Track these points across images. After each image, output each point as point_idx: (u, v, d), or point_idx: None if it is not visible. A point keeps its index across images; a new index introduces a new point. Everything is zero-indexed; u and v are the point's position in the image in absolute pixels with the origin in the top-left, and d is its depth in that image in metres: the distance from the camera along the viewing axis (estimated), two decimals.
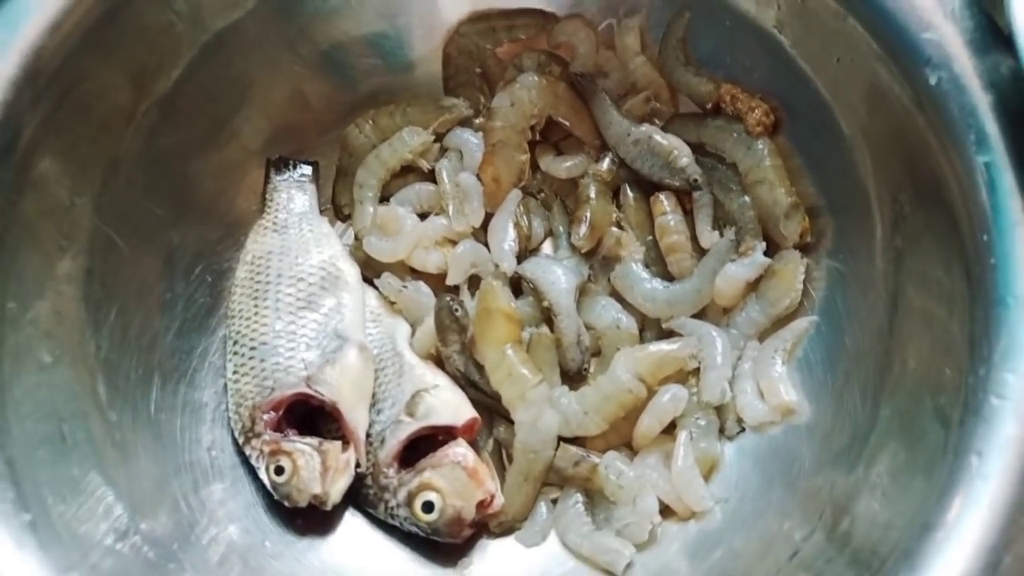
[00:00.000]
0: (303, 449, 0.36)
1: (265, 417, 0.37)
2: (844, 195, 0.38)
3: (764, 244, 0.40)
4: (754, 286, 0.41)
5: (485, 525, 0.38)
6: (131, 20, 0.35)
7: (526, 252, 0.43)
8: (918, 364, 0.33)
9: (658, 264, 0.42)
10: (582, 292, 0.42)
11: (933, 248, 0.33)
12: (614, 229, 0.42)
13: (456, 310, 0.40)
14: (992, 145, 0.31)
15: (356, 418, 0.37)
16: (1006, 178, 0.31)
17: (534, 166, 0.45)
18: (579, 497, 0.39)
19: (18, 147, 0.33)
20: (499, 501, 0.38)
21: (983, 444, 0.28)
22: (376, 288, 0.42)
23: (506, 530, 0.39)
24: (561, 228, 0.43)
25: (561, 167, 0.44)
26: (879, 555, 0.29)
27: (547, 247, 0.44)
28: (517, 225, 0.43)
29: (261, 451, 0.37)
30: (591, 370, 0.41)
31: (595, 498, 0.39)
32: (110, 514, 0.32)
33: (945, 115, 0.32)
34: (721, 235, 0.41)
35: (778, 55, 0.39)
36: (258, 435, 0.37)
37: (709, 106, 0.43)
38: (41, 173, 0.34)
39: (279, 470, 0.36)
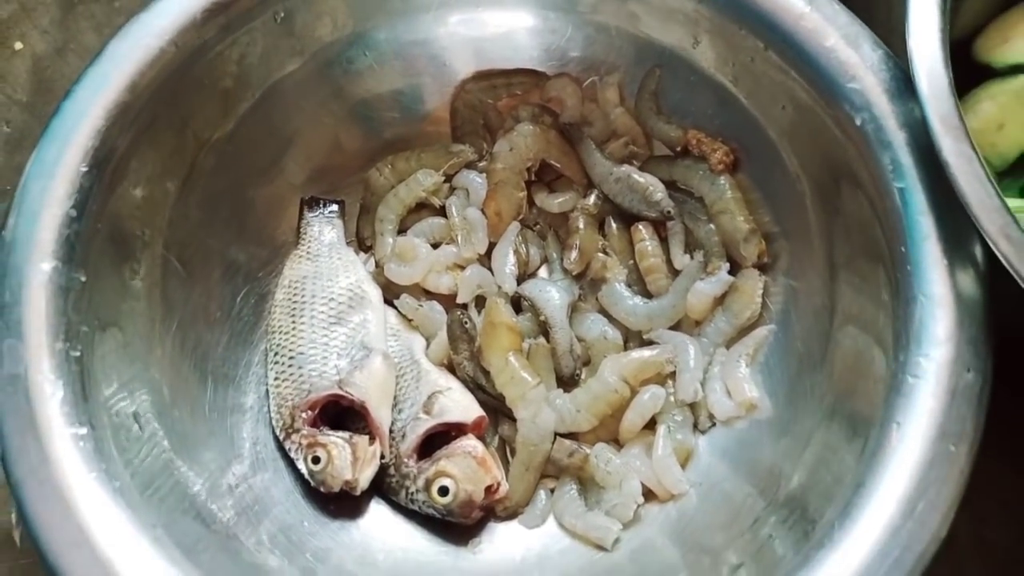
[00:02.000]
0: (336, 442, 0.41)
1: (303, 415, 0.42)
2: (793, 222, 0.44)
3: (728, 265, 0.45)
4: (720, 301, 0.45)
5: (492, 510, 0.43)
6: (194, 78, 0.41)
7: (525, 275, 0.48)
8: (855, 357, 0.39)
9: (638, 284, 0.47)
10: (574, 309, 0.46)
11: (863, 261, 0.39)
12: (600, 255, 0.47)
13: (465, 323, 0.45)
14: (906, 173, 0.37)
15: (381, 416, 0.42)
16: (917, 199, 0.36)
17: (531, 202, 0.49)
18: (573, 485, 0.43)
19: (103, 186, 0.39)
20: (504, 487, 0.42)
21: (902, 415, 0.34)
22: (396, 308, 0.47)
23: (511, 514, 0.43)
24: (555, 254, 0.48)
25: (554, 202, 0.49)
26: (823, 511, 0.34)
27: (543, 271, 0.49)
28: (517, 252, 0.47)
29: (300, 444, 0.42)
30: (583, 376, 0.45)
31: (587, 485, 0.43)
32: (183, 491, 0.37)
33: (868, 150, 0.38)
34: (691, 258, 0.46)
35: (734, 105, 0.45)
36: (297, 431, 0.42)
37: (678, 149, 0.48)
38: (117, 207, 0.39)
39: (316, 460, 0.41)
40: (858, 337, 0.39)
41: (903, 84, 0.38)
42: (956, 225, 0.36)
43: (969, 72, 0.47)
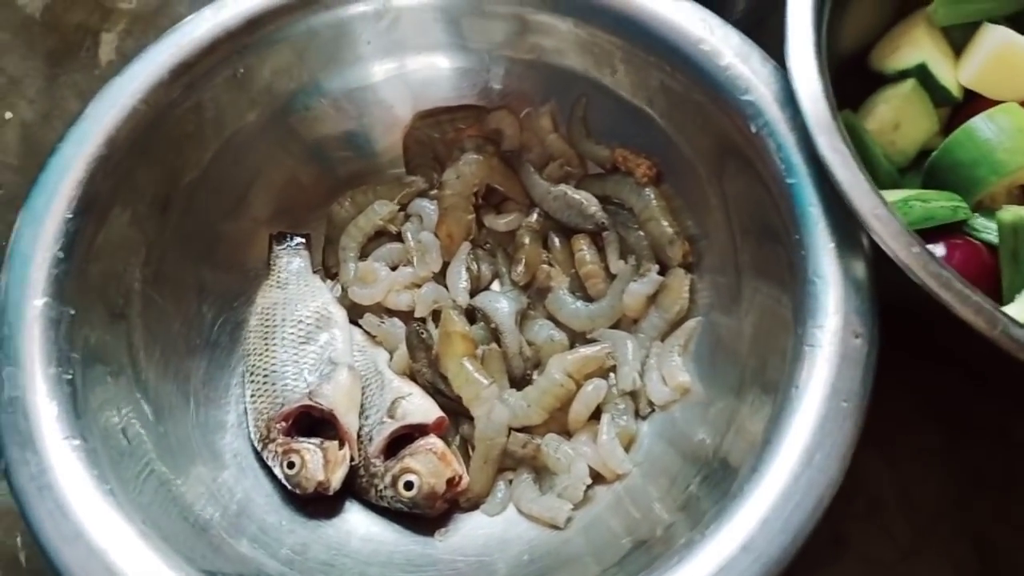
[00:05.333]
0: (309, 447, 0.45)
1: (278, 426, 0.46)
2: (710, 224, 0.49)
3: (657, 266, 0.50)
4: (653, 299, 0.50)
5: (456, 502, 0.46)
6: (164, 132, 0.46)
7: (478, 289, 0.52)
8: (765, 335, 0.43)
9: (580, 290, 0.51)
10: (523, 316, 0.51)
11: (767, 250, 0.44)
12: (544, 266, 0.51)
13: (423, 334, 0.49)
14: (797, 170, 0.42)
15: (349, 422, 0.46)
16: (807, 193, 0.41)
17: (480, 223, 0.53)
18: (528, 473, 0.47)
19: (87, 230, 0.44)
20: (466, 480, 0.46)
21: (800, 379, 0.38)
22: (360, 327, 0.51)
23: (473, 505, 0.47)
24: (504, 268, 0.52)
25: (500, 222, 0.53)
26: (739, 469, 0.39)
27: (495, 285, 0.53)
28: (469, 269, 0.52)
29: (276, 452, 0.45)
30: (534, 377, 0.49)
31: (541, 472, 0.47)
32: (171, 496, 0.41)
33: (765, 152, 0.43)
34: (626, 262, 0.51)
35: (651, 124, 0.50)
36: (273, 440, 0.46)
37: (608, 166, 0.53)
38: (100, 247, 0.44)
39: (291, 464, 0.45)
40: (766, 317, 0.44)
41: (790, 94, 0.43)
42: (842, 213, 0.40)
43: (868, 80, 0.52)
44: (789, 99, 0.43)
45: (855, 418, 0.37)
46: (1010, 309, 0.43)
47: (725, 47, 0.46)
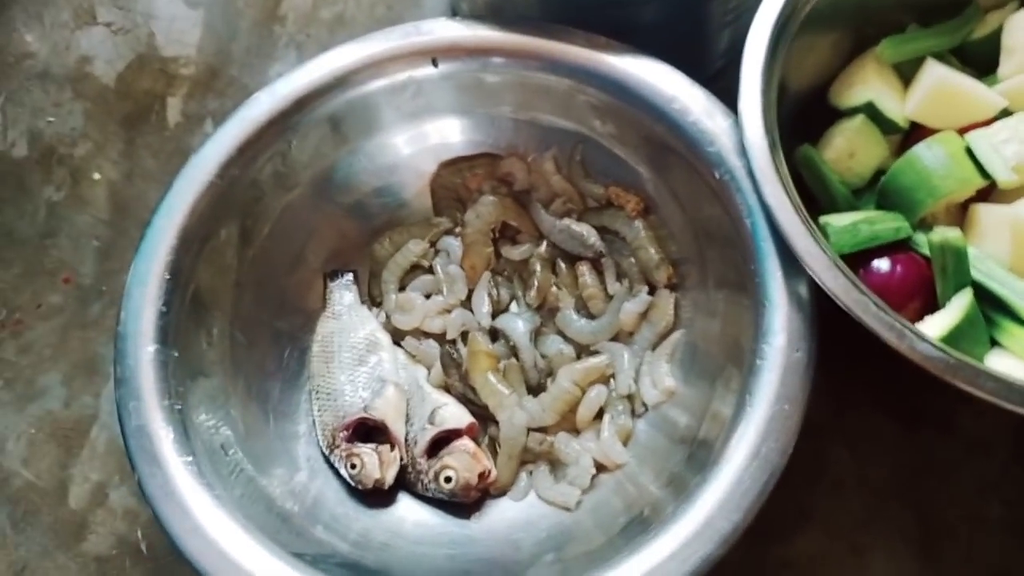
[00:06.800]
0: (367, 451, 0.54)
1: (341, 435, 0.55)
2: (690, 251, 0.57)
3: (647, 287, 0.58)
4: (644, 316, 0.58)
5: (487, 491, 0.55)
6: (235, 198, 0.56)
7: (500, 311, 0.60)
8: (730, 349, 0.52)
9: (584, 309, 0.59)
10: (537, 333, 0.59)
11: (732, 275, 0.52)
12: (554, 288, 0.59)
13: (453, 355, 0.59)
14: (754, 211, 0.50)
15: (398, 429, 0.56)
16: (761, 230, 0.49)
17: (498, 254, 0.61)
18: (545, 465, 0.56)
19: (181, 288, 0.54)
20: (494, 473, 0.55)
21: (753, 387, 0.47)
22: (403, 348, 0.60)
23: (501, 492, 0.55)
24: (519, 292, 0.60)
25: (515, 252, 0.60)
26: (711, 453, 0.47)
27: (513, 306, 0.60)
28: (490, 295, 0.59)
29: (341, 456, 0.55)
30: (548, 385, 0.58)
31: (555, 465, 0.56)
32: (263, 495, 0.52)
33: (728, 195, 0.51)
34: (621, 285, 0.59)
35: (637, 167, 0.58)
36: (338, 446, 0.55)
37: (603, 202, 0.60)
38: (192, 300, 0.54)
39: (353, 466, 0.54)
40: (732, 333, 0.52)
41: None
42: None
43: (831, 111, 0.60)
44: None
45: (795, 418, 0.46)
46: (940, 316, 0.51)
47: (693, 104, 0.54)
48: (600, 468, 0.56)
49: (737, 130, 0.52)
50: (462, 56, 0.57)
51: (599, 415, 0.57)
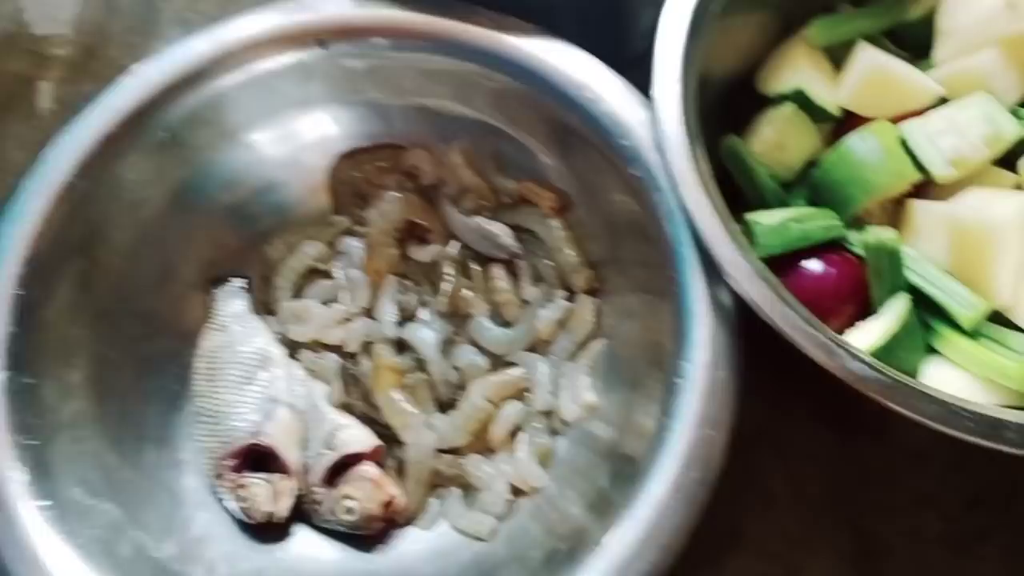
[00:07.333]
0: (256, 482, 0.50)
1: (228, 463, 0.51)
2: (609, 252, 0.53)
3: (566, 292, 0.54)
4: (563, 323, 0.54)
5: (393, 520, 0.51)
6: (99, 202, 0.51)
7: (409, 318, 0.55)
8: (651, 354, 0.48)
9: (498, 316, 0.55)
10: (449, 342, 0.55)
11: (652, 285, 0.48)
12: (466, 292, 0.55)
13: (350, 370, 0.54)
14: (672, 216, 0.46)
15: (291, 456, 0.51)
16: (681, 235, 0.45)
17: (404, 257, 0.56)
18: (457, 491, 0.52)
19: (35, 304, 0.48)
20: (402, 501, 0.51)
21: (675, 410, 0.43)
22: (299, 362, 0.56)
23: (408, 521, 0.51)
24: (428, 299, 0.56)
25: (423, 254, 0.56)
26: (637, 468, 0.44)
27: (422, 314, 0.56)
28: (396, 302, 0.56)
29: (227, 487, 0.50)
30: (459, 400, 0.54)
31: (467, 490, 0.52)
32: (130, 538, 0.47)
33: (643, 196, 0.47)
34: (537, 289, 0.55)
35: (552, 161, 0.54)
36: (224, 476, 0.50)
37: (518, 198, 0.56)
38: (50, 318, 0.49)
39: (241, 498, 0.50)
40: (652, 338, 0.49)
41: None
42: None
43: (758, 98, 0.56)
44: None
45: (720, 444, 0.42)
46: (874, 323, 0.48)
47: (606, 92, 0.49)
48: (517, 492, 0.52)
49: (654, 127, 0.48)
50: (353, 37, 0.52)
51: (515, 433, 0.53)
